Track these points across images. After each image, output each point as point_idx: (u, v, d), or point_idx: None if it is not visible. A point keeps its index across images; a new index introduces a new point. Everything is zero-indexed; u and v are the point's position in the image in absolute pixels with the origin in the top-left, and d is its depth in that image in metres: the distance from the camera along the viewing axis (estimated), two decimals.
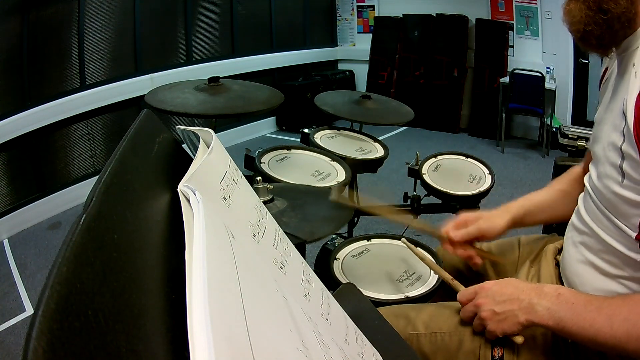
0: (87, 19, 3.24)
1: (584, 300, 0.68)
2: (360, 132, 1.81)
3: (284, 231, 0.48)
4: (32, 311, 0.69)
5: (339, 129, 1.79)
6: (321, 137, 1.69)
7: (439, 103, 4.88)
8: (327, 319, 0.47)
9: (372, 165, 1.61)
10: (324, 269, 1.03)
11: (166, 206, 0.40)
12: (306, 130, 1.68)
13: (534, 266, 0.97)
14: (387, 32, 5.18)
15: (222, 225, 0.35)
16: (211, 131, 0.43)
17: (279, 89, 1.64)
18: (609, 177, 0.72)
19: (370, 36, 5.34)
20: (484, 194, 1.45)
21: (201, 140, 0.43)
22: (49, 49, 3.05)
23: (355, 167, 1.53)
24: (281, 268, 0.43)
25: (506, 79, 4.23)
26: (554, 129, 3.75)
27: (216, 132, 0.45)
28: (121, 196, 0.35)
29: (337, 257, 1.06)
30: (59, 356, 0.21)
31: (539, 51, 4.42)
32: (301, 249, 1.10)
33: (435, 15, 4.84)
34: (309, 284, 0.47)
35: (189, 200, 0.34)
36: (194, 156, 0.42)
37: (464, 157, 1.62)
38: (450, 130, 4.88)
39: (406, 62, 5.09)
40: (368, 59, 5.34)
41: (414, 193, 1.61)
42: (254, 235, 0.42)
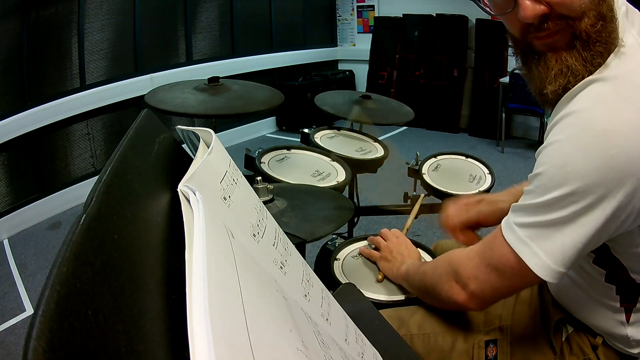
0: (87, 19, 3.24)
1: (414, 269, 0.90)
2: (360, 132, 1.81)
3: (284, 231, 0.48)
4: (32, 311, 0.69)
5: (339, 129, 1.79)
6: (321, 137, 1.69)
7: (439, 103, 4.87)
8: (327, 319, 0.47)
9: (372, 165, 1.61)
10: (324, 269, 1.03)
11: (166, 206, 0.40)
12: (306, 130, 1.68)
13: None
14: (387, 32, 5.18)
15: (222, 225, 0.35)
16: (211, 131, 0.43)
17: (279, 89, 1.64)
18: None
19: (370, 36, 5.34)
20: (484, 194, 1.45)
21: (201, 140, 0.43)
22: (49, 49, 3.05)
23: (355, 167, 1.53)
24: (281, 268, 0.44)
25: (506, 79, 4.23)
26: None
27: (216, 132, 0.45)
28: (121, 196, 0.35)
29: (337, 257, 1.06)
30: (59, 356, 0.21)
31: None
32: (301, 249, 1.10)
33: (435, 15, 4.83)
34: (309, 284, 0.47)
35: (189, 200, 0.34)
36: (194, 156, 0.42)
37: (464, 157, 1.62)
38: (450, 130, 4.87)
39: (406, 62, 5.09)
40: (368, 59, 5.33)
41: (414, 193, 1.61)
42: (254, 235, 0.42)
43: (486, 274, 0.70)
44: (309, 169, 1.43)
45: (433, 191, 1.46)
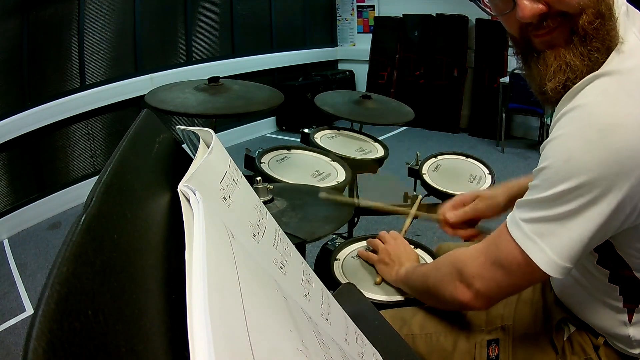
0: (87, 19, 3.24)
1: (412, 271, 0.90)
2: (360, 132, 1.80)
3: (284, 231, 0.48)
4: (32, 311, 0.69)
5: (339, 129, 1.79)
6: (321, 137, 1.69)
7: (439, 103, 4.87)
8: (327, 319, 0.47)
9: (372, 165, 1.60)
10: (324, 269, 1.03)
11: (166, 206, 0.40)
12: (306, 130, 1.68)
13: None
14: (387, 32, 5.18)
15: (222, 225, 0.35)
16: (211, 131, 0.43)
17: (279, 89, 1.64)
18: None
19: (370, 36, 5.34)
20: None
21: (201, 140, 0.43)
22: (49, 49, 3.05)
23: (355, 167, 1.53)
24: (281, 268, 0.43)
25: (506, 79, 4.23)
26: None
27: (216, 132, 0.45)
28: (121, 196, 0.35)
29: (337, 257, 1.06)
30: (59, 356, 0.21)
31: None
32: (301, 249, 1.10)
33: (435, 15, 4.83)
34: (309, 284, 0.47)
35: (189, 200, 0.34)
36: (194, 156, 0.42)
37: (464, 157, 1.62)
38: (450, 130, 4.87)
39: (406, 62, 5.09)
40: (368, 59, 5.33)
41: (414, 193, 1.60)
42: (254, 235, 0.42)
43: (492, 272, 0.69)
44: (309, 169, 1.43)
45: (433, 191, 1.46)
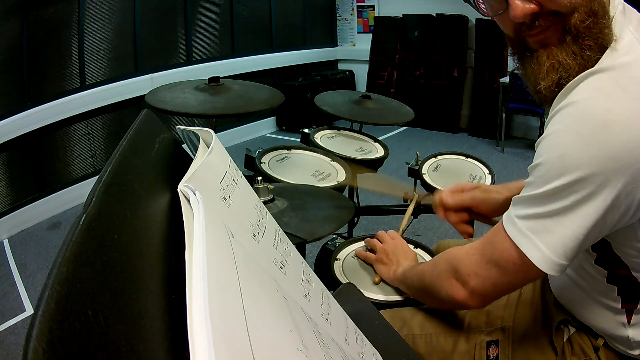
0: (87, 19, 3.24)
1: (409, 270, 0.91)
2: (360, 132, 1.80)
3: (284, 231, 0.48)
4: (32, 311, 0.69)
5: (339, 129, 1.79)
6: (321, 137, 1.69)
7: (439, 103, 4.87)
8: (327, 319, 0.47)
9: (372, 165, 1.60)
10: (324, 269, 1.03)
11: (166, 206, 0.40)
12: (306, 130, 1.68)
13: None
14: (387, 32, 5.18)
15: (222, 225, 0.35)
16: (211, 131, 0.43)
17: (279, 89, 1.63)
18: None
19: (370, 36, 5.34)
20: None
21: (201, 140, 0.43)
22: (49, 49, 3.05)
23: (355, 167, 1.53)
24: (281, 268, 0.43)
25: (506, 79, 4.23)
26: None
27: (216, 132, 0.45)
28: (121, 196, 0.35)
29: (337, 257, 1.06)
30: (59, 356, 0.21)
31: None
32: (301, 249, 1.10)
33: (435, 15, 4.83)
34: (309, 284, 0.47)
35: (189, 200, 0.34)
36: (194, 156, 0.42)
37: (464, 157, 1.62)
38: (450, 130, 4.87)
39: (406, 62, 5.09)
40: (368, 59, 5.33)
41: (414, 193, 1.60)
42: (254, 235, 0.42)
43: (487, 270, 0.69)
44: (309, 169, 1.43)
45: (433, 191, 1.46)
